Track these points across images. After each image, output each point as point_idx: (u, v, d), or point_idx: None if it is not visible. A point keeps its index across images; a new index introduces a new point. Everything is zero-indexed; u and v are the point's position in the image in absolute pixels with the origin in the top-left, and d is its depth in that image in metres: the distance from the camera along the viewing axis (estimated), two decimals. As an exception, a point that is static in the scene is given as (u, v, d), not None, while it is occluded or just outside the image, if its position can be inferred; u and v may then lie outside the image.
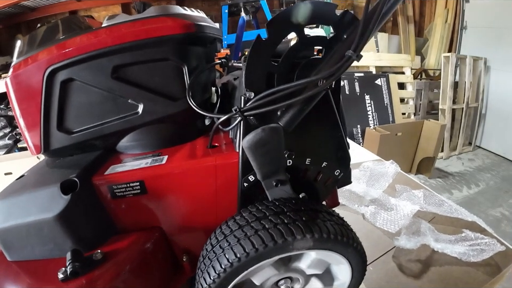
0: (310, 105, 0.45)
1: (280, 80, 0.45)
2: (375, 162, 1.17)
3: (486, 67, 3.32)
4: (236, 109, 0.45)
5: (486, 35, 3.36)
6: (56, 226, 0.45)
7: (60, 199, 0.45)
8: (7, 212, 0.47)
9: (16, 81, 0.50)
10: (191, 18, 0.54)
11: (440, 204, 1.02)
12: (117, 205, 0.50)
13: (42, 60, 0.48)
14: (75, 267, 0.42)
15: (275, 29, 0.43)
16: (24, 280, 0.46)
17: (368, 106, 2.93)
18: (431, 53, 3.86)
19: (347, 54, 0.41)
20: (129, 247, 0.48)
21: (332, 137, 0.53)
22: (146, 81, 0.52)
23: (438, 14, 3.84)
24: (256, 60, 0.44)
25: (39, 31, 0.54)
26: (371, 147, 2.40)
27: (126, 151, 0.58)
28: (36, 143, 0.52)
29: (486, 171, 2.99)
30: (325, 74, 0.42)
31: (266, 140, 0.43)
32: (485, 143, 3.47)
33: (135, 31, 0.49)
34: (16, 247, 0.48)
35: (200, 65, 0.57)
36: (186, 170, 0.50)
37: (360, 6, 3.81)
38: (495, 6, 3.18)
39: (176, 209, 0.53)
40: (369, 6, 0.40)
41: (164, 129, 0.57)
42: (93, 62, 0.49)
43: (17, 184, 0.51)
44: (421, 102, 3.34)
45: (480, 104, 3.35)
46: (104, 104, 0.52)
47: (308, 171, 0.52)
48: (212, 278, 0.44)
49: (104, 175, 0.49)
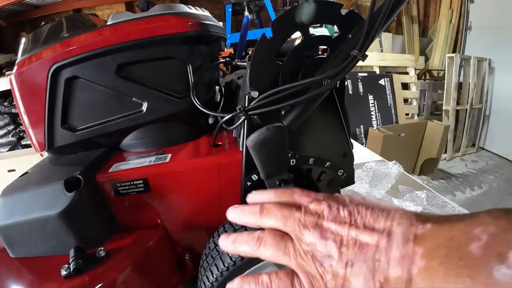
0: (315, 105, 0.45)
1: (284, 80, 0.45)
2: (378, 163, 1.17)
3: (491, 68, 3.30)
4: (239, 108, 0.45)
5: (490, 36, 3.34)
6: (60, 223, 0.45)
7: (63, 196, 0.45)
8: (10, 209, 0.47)
9: (20, 78, 0.50)
10: (195, 17, 0.54)
11: (443, 205, 1.01)
12: (120, 203, 0.50)
13: (47, 58, 0.48)
14: (78, 264, 0.42)
15: (280, 28, 0.43)
16: (27, 277, 0.46)
17: (371, 107, 2.93)
18: (435, 54, 3.84)
19: (352, 54, 0.41)
20: (132, 245, 0.49)
21: (335, 137, 0.52)
22: (151, 79, 0.52)
23: (443, 14, 3.82)
24: (260, 59, 0.44)
25: (43, 29, 0.54)
26: (374, 147, 2.40)
27: (130, 149, 0.58)
28: (40, 140, 0.52)
29: (489, 173, 2.97)
30: (329, 74, 0.42)
31: (271, 139, 0.42)
32: (489, 145, 3.45)
33: (140, 30, 0.49)
34: (19, 244, 0.49)
35: (204, 64, 0.57)
36: (190, 168, 0.51)
37: (365, 5, 3.80)
38: (500, 7, 3.16)
39: (179, 208, 0.53)
40: (375, 6, 0.40)
41: (167, 127, 0.57)
42: (98, 60, 0.49)
43: (21, 181, 0.52)
44: (425, 102, 3.32)
45: (484, 106, 3.33)
46: (108, 102, 0.52)
47: (311, 171, 0.52)
48: (215, 276, 0.44)
49: (108, 173, 0.49)
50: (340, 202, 0.28)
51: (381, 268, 0.23)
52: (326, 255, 0.26)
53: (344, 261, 0.25)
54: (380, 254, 0.23)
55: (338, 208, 0.28)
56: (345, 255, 0.25)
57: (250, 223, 0.33)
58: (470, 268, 0.19)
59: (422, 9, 4.05)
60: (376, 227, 0.25)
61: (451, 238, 0.21)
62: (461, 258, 0.19)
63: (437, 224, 0.22)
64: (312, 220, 0.28)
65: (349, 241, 0.25)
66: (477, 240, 0.19)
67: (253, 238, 0.31)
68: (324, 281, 0.26)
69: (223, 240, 0.34)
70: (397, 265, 0.22)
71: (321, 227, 0.27)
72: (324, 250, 0.26)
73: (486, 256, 0.18)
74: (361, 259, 0.24)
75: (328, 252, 0.26)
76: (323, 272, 0.26)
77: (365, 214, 0.26)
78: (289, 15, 0.43)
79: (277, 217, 0.30)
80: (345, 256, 0.25)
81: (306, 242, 0.27)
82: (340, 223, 0.26)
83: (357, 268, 0.24)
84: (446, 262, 0.20)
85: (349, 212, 0.27)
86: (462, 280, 0.19)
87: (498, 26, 3.22)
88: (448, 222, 0.22)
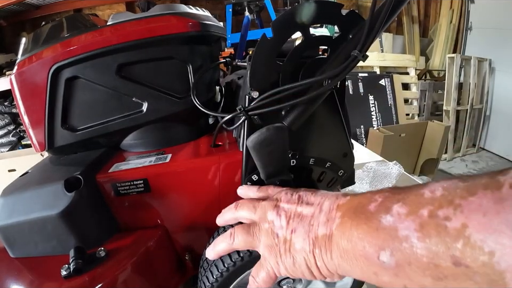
0: (315, 105, 0.45)
1: (285, 80, 0.45)
2: (378, 163, 1.17)
3: (491, 68, 3.30)
4: (240, 108, 0.45)
5: (491, 36, 3.34)
6: (60, 223, 0.45)
7: (63, 196, 0.45)
8: (10, 209, 0.47)
9: (20, 78, 0.50)
10: (196, 17, 0.54)
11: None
12: (120, 203, 0.50)
13: (47, 58, 0.48)
14: (78, 264, 0.42)
15: (280, 28, 0.43)
16: (27, 277, 0.46)
17: (371, 107, 2.92)
18: (436, 54, 3.84)
19: (353, 54, 0.41)
20: (132, 245, 0.49)
21: (336, 137, 0.52)
22: (151, 79, 0.52)
23: (443, 14, 3.81)
24: (261, 59, 0.44)
25: (44, 29, 0.54)
26: (374, 148, 2.39)
27: (130, 149, 0.58)
28: (40, 140, 0.52)
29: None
30: (330, 74, 0.42)
31: (271, 139, 0.42)
32: (489, 145, 3.45)
33: (140, 30, 0.49)
34: (19, 244, 0.49)
35: (204, 64, 0.57)
36: (190, 168, 0.51)
37: (365, 5, 3.80)
38: (501, 7, 3.15)
39: (180, 208, 0.53)
40: (375, 6, 0.40)
41: (168, 127, 0.57)
42: (98, 60, 0.49)
43: (21, 181, 0.52)
44: (425, 103, 3.32)
45: (485, 106, 3.33)
46: (108, 102, 0.52)
47: (312, 171, 0.52)
48: (215, 276, 0.44)
49: (108, 173, 0.49)
50: (294, 190, 0.38)
51: (313, 229, 0.31)
52: (279, 227, 0.34)
53: (290, 229, 0.33)
54: (313, 220, 0.32)
55: (292, 194, 0.37)
56: (291, 225, 0.33)
57: (229, 218, 0.42)
58: (367, 219, 0.27)
59: (423, 9, 4.04)
60: (314, 202, 0.34)
61: (359, 203, 0.29)
62: (362, 213, 0.28)
63: (353, 196, 0.31)
64: (272, 203, 0.37)
65: (295, 215, 0.34)
66: (375, 201, 0.27)
67: (226, 236, 0.39)
68: (278, 247, 0.34)
69: (207, 253, 0.42)
70: (323, 225, 0.31)
71: (278, 207, 0.36)
72: (278, 224, 0.34)
73: (378, 211, 0.26)
74: (301, 225, 0.33)
75: (280, 225, 0.34)
76: (278, 241, 0.34)
77: (310, 195, 0.35)
78: (289, 15, 0.42)
79: (248, 208, 0.39)
80: (291, 225, 0.33)
81: (268, 220, 0.35)
82: (291, 203, 0.36)
83: (298, 232, 0.32)
84: (353, 218, 0.28)
85: (299, 195, 0.36)
86: (361, 227, 0.27)
87: (499, 26, 3.21)
88: (361, 194, 0.30)
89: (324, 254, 0.30)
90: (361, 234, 0.27)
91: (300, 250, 0.32)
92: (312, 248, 0.31)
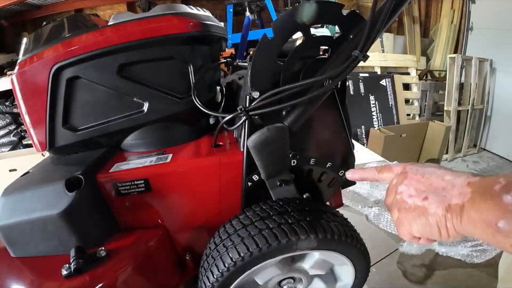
0: (316, 105, 0.45)
1: (285, 80, 0.45)
2: (379, 163, 1.17)
3: (492, 69, 3.29)
4: (240, 108, 0.45)
5: (492, 36, 3.33)
6: (61, 223, 0.45)
7: (64, 196, 0.45)
8: (11, 208, 0.47)
9: (22, 78, 0.50)
10: (196, 17, 0.54)
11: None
12: (121, 203, 0.50)
13: (48, 58, 0.48)
14: (79, 264, 0.42)
15: (281, 28, 0.43)
16: (28, 276, 0.46)
17: (372, 107, 2.92)
18: (437, 54, 3.83)
19: (353, 54, 0.41)
20: (133, 245, 0.49)
21: (336, 137, 0.52)
22: (152, 79, 0.52)
23: (444, 14, 3.81)
24: (262, 59, 0.44)
25: (45, 29, 0.55)
26: (375, 148, 2.39)
27: (131, 149, 0.58)
28: (41, 140, 0.52)
29: (490, 173, 2.96)
30: (330, 74, 0.42)
31: (272, 139, 0.42)
32: (490, 146, 3.44)
33: (141, 30, 0.49)
34: (20, 243, 0.49)
35: (205, 64, 0.57)
36: (191, 169, 0.51)
37: (366, 6, 3.79)
38: (502, 7, 3.15)
39: (180, 208, 0.53)
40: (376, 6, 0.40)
41: (168, 127, 0.57)
42: (99, 60, 0.49)
43: (22, 181, 0.52)
44: (426, 103, 3.32)
45: (486, 106, 3.32)
46: (109, 102, 0.52)
47: (312, 171, 0.52)
48: (215, 276, 0.44)
49: (109, 173, 0.49)
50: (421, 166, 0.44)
51: (446, 199, 0.38)
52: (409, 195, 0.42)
53: (421, 197, 0.40)
54: (446, 192, 0.39)
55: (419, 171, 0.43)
56: (422, 194, 0.41)
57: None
58: (492, 196, 0.34)
59: (424, 9, 4.04)
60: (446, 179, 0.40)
61: (487, 184, 0.36)
62: (489, 191, 0.35)
63: (482, 177, 0.38)
64: (402, 177, 0.44)
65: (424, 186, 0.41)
66: (499, 183, 0.34)
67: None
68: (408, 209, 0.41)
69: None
70: (456, 198, 0.37)
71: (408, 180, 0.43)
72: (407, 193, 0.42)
73: (501, 191, 0.34)
74: (433, 194, 0.40)
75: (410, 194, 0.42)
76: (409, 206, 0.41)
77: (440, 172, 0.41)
78: (290, 16, 0.42)
79: (389, 174, 0.46)
80: (422, 194, 0.41)
81: (398, 191, 0.43)
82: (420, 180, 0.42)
83: (431, 200, 0.39)
84: (482, 194, 0.35)
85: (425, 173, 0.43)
86: (487, 202, 0.34)
87: (500, 26, 3.21)
88: (488, 176, 0.37)
89: (455, 219, 0.37)
90: (486, 207, 0.34)
91: (433, 214, 0.39)
92: (444, 213, 0.38)
